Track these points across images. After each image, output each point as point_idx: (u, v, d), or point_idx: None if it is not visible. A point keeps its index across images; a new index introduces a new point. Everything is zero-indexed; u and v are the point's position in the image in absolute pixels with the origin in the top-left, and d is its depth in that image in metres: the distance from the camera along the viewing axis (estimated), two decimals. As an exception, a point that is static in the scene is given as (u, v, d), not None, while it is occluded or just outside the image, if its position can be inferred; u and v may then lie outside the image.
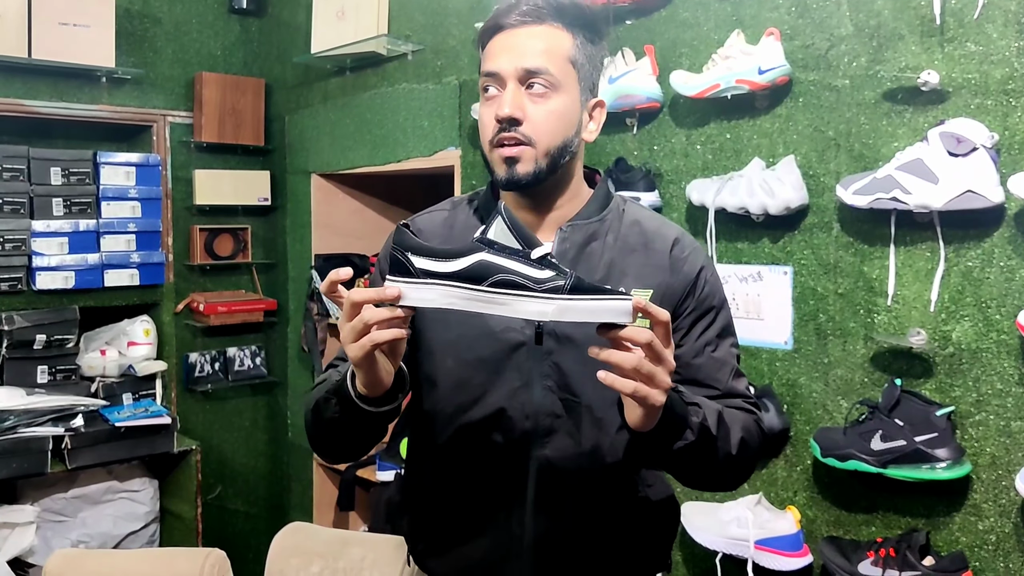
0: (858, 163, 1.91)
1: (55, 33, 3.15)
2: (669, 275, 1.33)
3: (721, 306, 1.37)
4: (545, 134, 1.26)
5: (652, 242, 1.35)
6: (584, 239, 1.32)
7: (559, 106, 1.26)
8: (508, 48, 1.27)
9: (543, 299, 1.06)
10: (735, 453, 1.23)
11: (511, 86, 1.25)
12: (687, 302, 1.33)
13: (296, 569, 2.49)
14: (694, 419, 1.16)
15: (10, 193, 3.09)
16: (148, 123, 3.52)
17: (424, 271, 1.08)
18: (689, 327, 1.33)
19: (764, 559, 1.98)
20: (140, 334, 3.41)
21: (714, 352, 1.33)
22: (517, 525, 1.31)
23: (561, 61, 1.26)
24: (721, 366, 1.34)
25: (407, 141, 3.03)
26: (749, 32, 2.06)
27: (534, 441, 1.29)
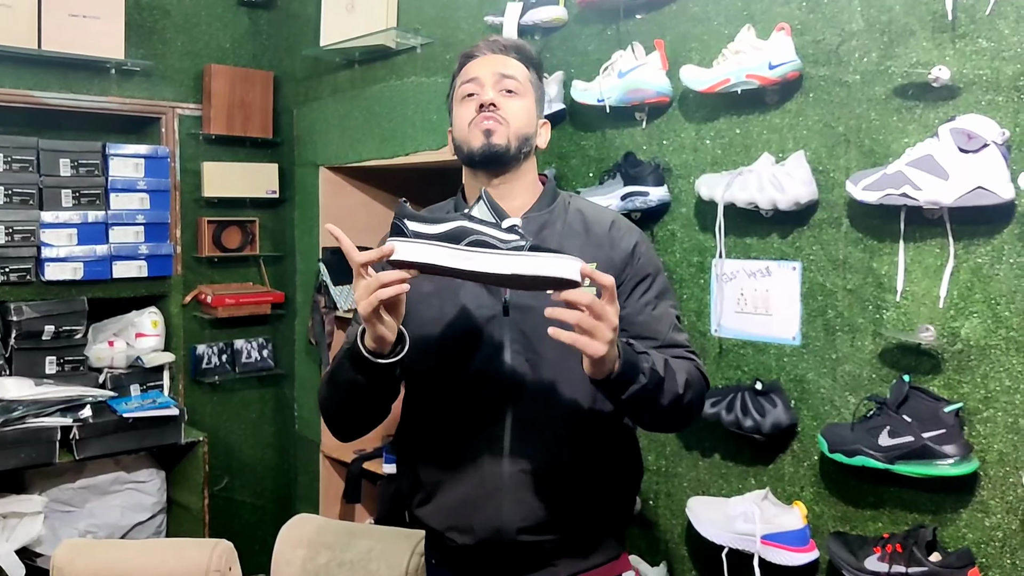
0: (868, 159, 1.91)
1: (65, 24, 3.16)
2: (609, 250, 1.58)
3: (657, 273, 1.61)
4: (516, 120, 1.58)
5: (592, 226, 1.61)
6: (538, 227, 1.59)
7: (526, 105, 1.61)
8: (485, 64, 1.61)
9: (507, 255, 1.27)
10: (681, 392, 1.45)
11: (489, 85, 1.59)
12: (626, 271, 1.58)
13: (303, 560, 2.50)
14: (644, 365, 1.37)
15: (19, 184, 3.09)
16: (157, 115, 3.52)
17: (415, 232, 1.32)
18: (630, 291, 1.58)
19: (771, 554, 1.99)
20: (148, 325, 3.42)
21: (654, 311, 1.58)
22: (496, 465, 1.53)
23: (524, 77, 1.62)
24: (659, 321, 1.57)
25: (416, 134, 3.03)
26: (760, 27, 2.05)
27: (508, 396, 1.53)
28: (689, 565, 2.27)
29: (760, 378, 2.08)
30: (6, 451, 2.91)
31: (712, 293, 2.20)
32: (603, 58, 2.35)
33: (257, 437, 3.87)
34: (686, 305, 2.25)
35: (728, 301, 2.17)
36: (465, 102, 1.60)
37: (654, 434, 2.32)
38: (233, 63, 3.68)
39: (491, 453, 1.54)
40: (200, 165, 3.61)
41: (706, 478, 2.23)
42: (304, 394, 3.72)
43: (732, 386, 2.13)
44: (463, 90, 1.61)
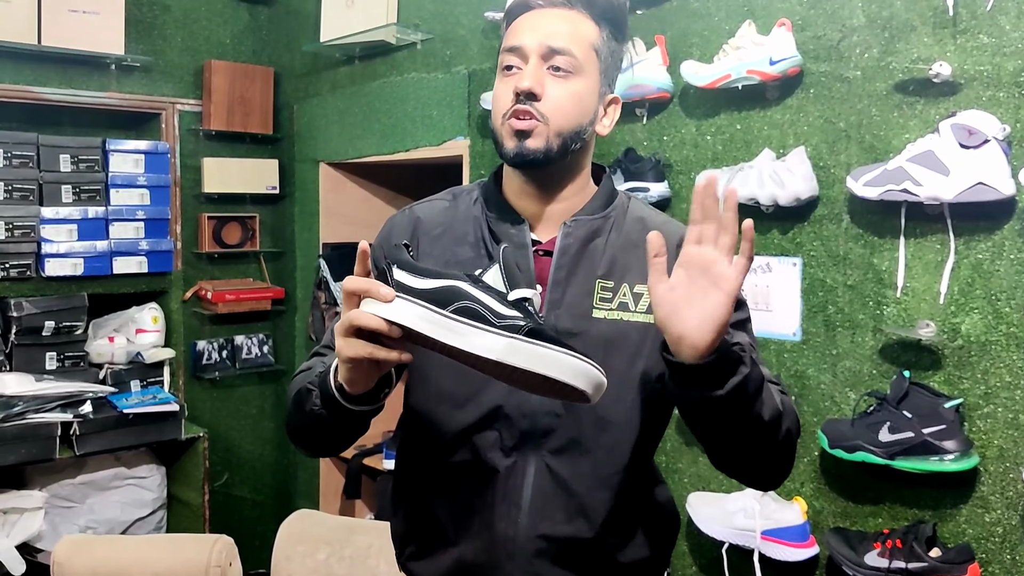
0: (869, 155, 1.91)
1: (64, 20, 3.15)
2: None
3: (741, 303, 1.30)
4: (561, 114, 1.23)
5: None
6: (587, 235, 1.29)
7: (579, 89, 1.24)
8: (534, 26, 1.25)
9: (496, 334, 0.99)
10: (781, 410, 1.16)
11: (533, 61, 1.23)
12: None
13: (303, 556, 2.50)
14: (746, 356, 1.08)
15: (19, 180, 3.09)
16: (157, 111, 3.52)
17: (399, 284, 1.04)
18: None
19: (770, 549, 1.99)
20: (148, 321, 3.42)
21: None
22: (511, 527, 1.25)
23: (585, 47, 1.25)
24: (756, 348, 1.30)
25: (416, 130, 3.03)
26: (760, 22, 2.05)
27: (532, 441, 1.24)
28: (689, 561, 2.27)
29: (760, 374, 2.08)
30: (6, 447, 2.91)
31: (712, 289, 2.20)
32: (604, 54, 2.35)
33: (257, 433, 3.87)
34: (686, 301, 2.25)
35: (728, 297, 2.17)
36: (505, 78, 1.26)
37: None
38: (233, 59, 3.67)
39: (505, 511, 1.25)
40: (200, 161, 3.60)
41: (706, 474, 2.23)
42: (304, 390, 3.71)
43: (732, 382, 2.13)
44: (503, 60, 1.27)
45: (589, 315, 1.25)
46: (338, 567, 2.46)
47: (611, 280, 1.27)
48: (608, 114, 1.32)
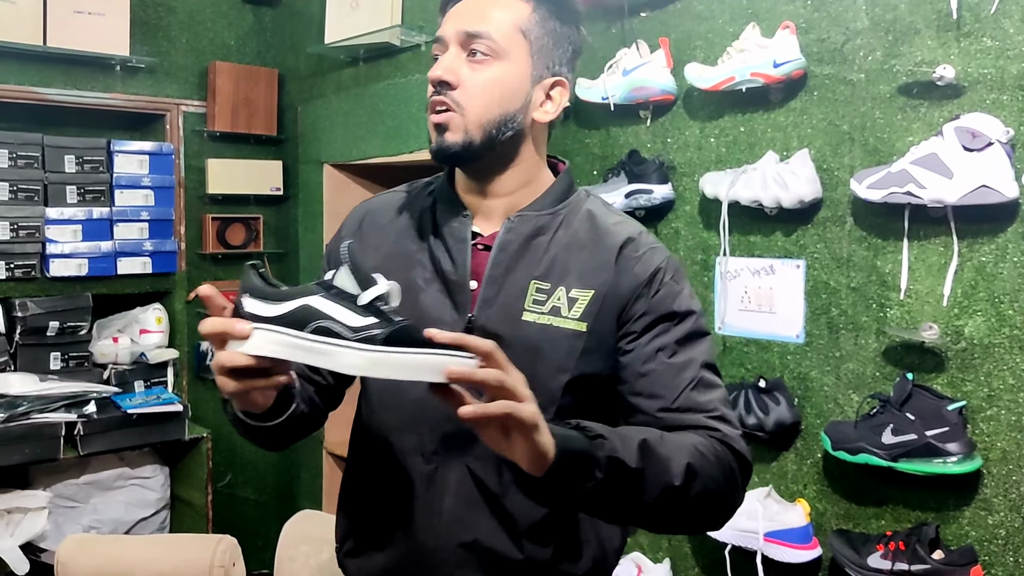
0: (872, 157, 1.91)
1: (70, 21, 3.16)
2: (615, 275, 1.20)
3: (685, 315, 1.20)
4: (478, 102, 1.17)
5: (603, 239, 1.23)
6: (531, 231, 1.22)
7: (498, 75, 1.18)
8: (456, 12, 1.21)
9: (355, 350, 0.94)
10: (680, 484, 1.03)
11: (452, 50, 1.19)
12: (637, 305, 1.20)
13: (306, 556, 2.51)
14: (600, 454, 0.97)
15: (24, 180, 3.10)
16: (162, 112, 3.53)
17: (251, 314, 0.98)
18: (640, 332, 1.19)
19: (773, 551, 1.99)
20: (152, 322, 3.43)
21: (670, 358, 1.18)
22: (431, 537, 1.20)
23: (509, 28, 1.18)
24: (677, 374, 1.17)
25: (419, 132, 3.03)
26: (764, 25, 2.05)
27: (455, 446, 1.18)
28: (692, 562, 2.27)
29: (763, 376, 2.08)
30: (10, 447, 2.92)
31: (716, 291, 2.20)
32: (608, 56, 2.35)
33: (260, 433, 3.87)
34: (690, 303, 2.25)
35: (732, 299, 2.17)
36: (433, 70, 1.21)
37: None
38: (238, 60, 3.68)
39: (426, 521, 1.20)
40: (204, 162, 3.61)
41: (709, 475, 2.23)
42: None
43: (736, 384, 2.14)
44: (433, 51, 1.24)
45: (519, 318, 1.18)
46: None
47: (547, 282, 1.20)
48: (552, 98, 1.24)
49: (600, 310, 1.19)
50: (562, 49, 1.24)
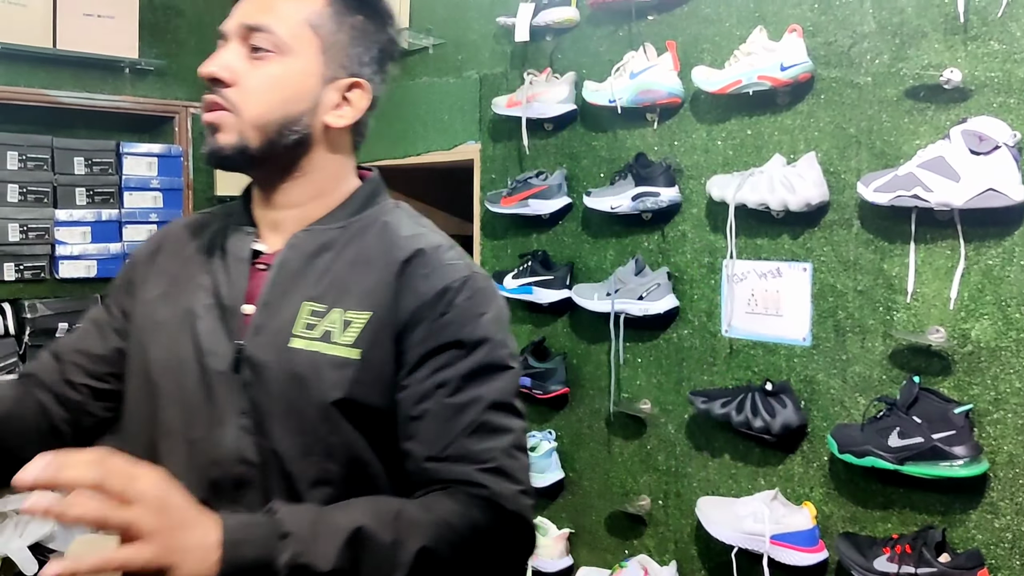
0: (880, 160, 1.91)
1: (80, 24, 3.18)
2: (391, 295, 1.04)
3: (477, 344, 1.03)
4: (254, 102, 1.05)
5: (389, 253, 1.07)
6: (315, 248, 1.08)
7: (280, 72, 1.06)
8: (242, 6, 1.10)
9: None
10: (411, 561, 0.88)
11: (230, 45, 1.08)
12: (418, 331, 1.03)
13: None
14: (281, 559, 0.81)
15: (34, 182, 3.12)
16: (170, 114, 3.54)
17: None
18: (417, 363, 1.02)
19: (780, 554, 1.99)
20: (161, 323, 3.44)
21: (449, 398, 1.00)
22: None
23: (296, 23, 1.07)
24: (453, 416, 1.00)
25: (427, 134, 3.04)
26: (771, 28, 2.06)
27: (221, 494, 1.00)
28: (699, 565, 2.28)
29: (770, 379, 2.08)
30: (20, 447, 2.93)
31: (723, 293, 2.20)
32: (615, 59, 2.36)
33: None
34: (696, 306, 2.26)
35: (739, 302, 2.18)
36: None
37: (665, 433, 2.33)
38: (246, 63, 3.69)
39: None
40: (213, 164, 3.62)
41: (716, 478, 2.23)
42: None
43: (742, 386, 2.14)
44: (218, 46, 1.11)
45: (286, 344, 1.03)
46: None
47: (323, 303, 1.05)
48: (350, 102, 1.12)
49: (376, 334, 1.03)
50: (363, 48, 1.12)
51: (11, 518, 3.05)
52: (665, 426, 2.34)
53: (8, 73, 3.13)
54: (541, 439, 2.59)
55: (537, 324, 2.68)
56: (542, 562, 2.57)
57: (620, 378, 2.43)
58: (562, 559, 2.56)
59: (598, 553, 2.52)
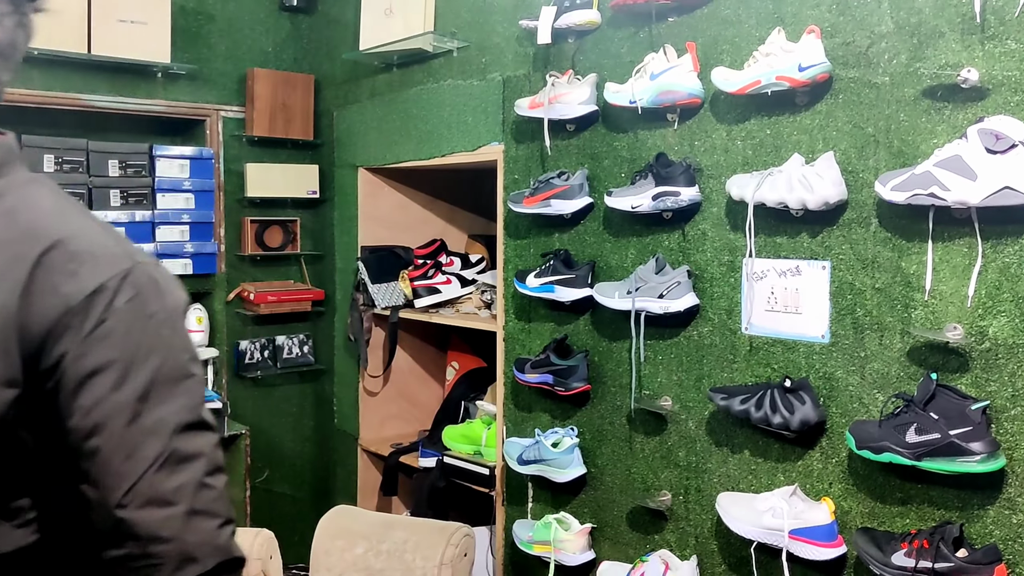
0: (897, 159, 1.93)
1: (113, 29, 3.26)
2: (21, 295, 0.83)
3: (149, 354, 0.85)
4: None
5: (19, 242, 0.85)
6: None
7: None
8: None
9: None
10: None
11: None
12: (64, 344, 0.83)
13: (341, 550, 2.58)
14: None
15: (70, 184, 3.21)
16: (202, 117, 3.62)
17: None
18: (76, 387, 0.83)
19: (799, 549, 2.02)
20: (193, 322, 3.52)
21: (127, 427, 0.83)
22: None
23: None
24: (133, 451, 0.83)
25: (451, 136, 3.09)
26: (790, 29, 2.08)
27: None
28: (719, 559, 2.30)
29: (789, 375, 2.11)
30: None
31: (743, 292, 2.23)
32: (635, 60, 2.39)
33: (297, 431, 3.96)
34: (716, 304, 2.28)
35: (758, 300, 2.20)
36: None
37: (686, 429, 2.36)
38: (275, 67, 3.77)
39: None
40: (243, 166, 3.70)
41: (735, 474, 2.26)
42: (343, 389, 3.80)
43: (762, 383, 2.16)
44: None
45: None
46: (375, 561, 2.53)
47: None
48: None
49: None
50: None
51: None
52: (685, 422, 2.37)
53: (45, 78, 3.22)
54: (564, 435, 2.63)
55: (559, 322, 2.71)
56: (565, 556, 2.61)
57: (641, 375, 2.46)
58: (584, 553, 2.60)
59: (620, 547, 2.56)
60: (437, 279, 3.35)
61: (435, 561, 2.46)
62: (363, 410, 3.69)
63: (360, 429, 3.69)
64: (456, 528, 2.54)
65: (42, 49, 3.11)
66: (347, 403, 3.77)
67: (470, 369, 3.65)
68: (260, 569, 2.47)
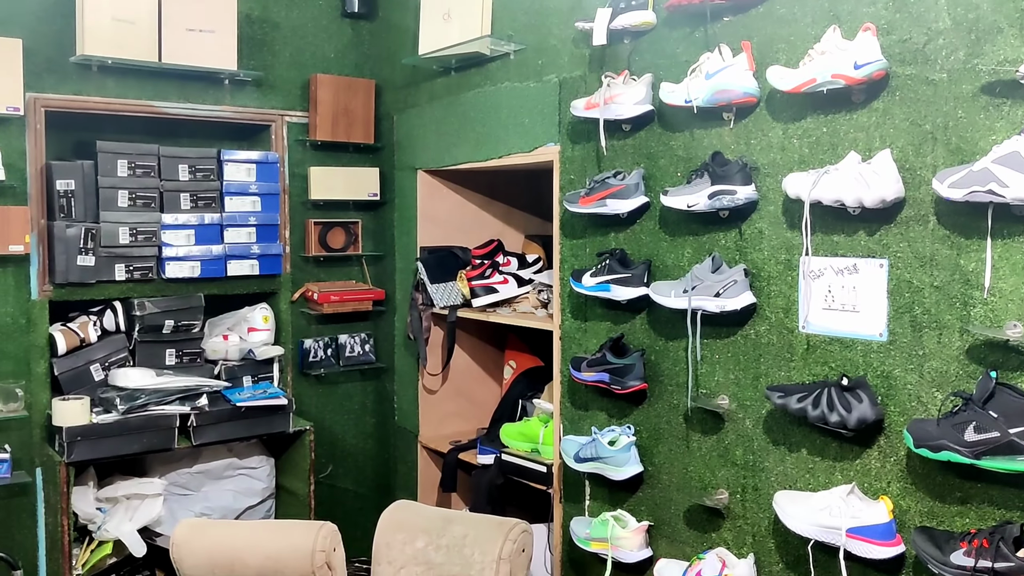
0: (955, 156, 1.91)
1: (183, 39, 3.37)
2: None
3: None
4: None
5: None
6: None
7: None
8: None
9: None
10: None
11: None
12: None
13: (402, 544, 2.63)
14: None
15: (143, 188, 3.33)
16: (267, 123, 3.72)
17: None
18: None
19: (856, 547, 2.01)
20: (259, 321, 3.63)
21: None
22: None
23: None
24: None
25: (508, 137, 3.13)
26: (845, 27, 2.08)
27: None
28: (776, 557, 2.30)
29: (846, 374, 2.10)
30: (130, 436, 3.14)
31: (800, 290, 2.23)
32: (691, 60, 2.41)
33: (359, 427, 4.05)
34: (773, 302, 2.29)
35: (815, 298, 2.20)
36: None
37: (743, 428, 2.37)
38: (337, 72, 3.86)
39: None
40: (307, 170, 3.80)
41: (792, 472, 2.26)
42: (403, 387, 3.87)
43: (819, 382, 2.16)
44: None
45: None
46: (435, 555, 2.58)
47: None
48: None
49: None
50: None
51: (122, 503, 3.25)
52: (742, 421, 2.37)
53: (119, 86, 3.35)
54: (620, 433, 2.65)
55: (615, 321, 2.74)
56: (623, 553, 2.63)
57: (698, 374, 2.48)
58: (641, 551, 2.62)
59: (677, 545, 2.57)
60: (494, 279, 3.40)
61: (493, 556, 2.50)
62: (423, 407, 3.76)
63: (420, 426, 3.76)
64: (514, 524, 2.58)
65: (116, 58, 3.23)
66: (407, 400, 3.84)
67: (527, 368, 3.69)
68: (324, 561, 2.55)
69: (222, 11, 3.44)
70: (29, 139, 3.15)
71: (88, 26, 3.17)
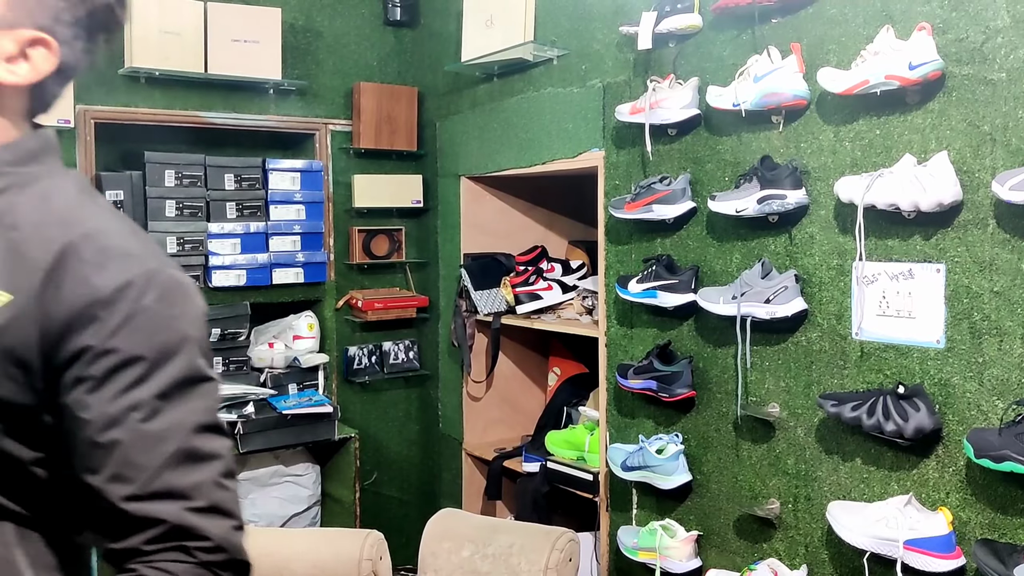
0: (1015, 158, 1.86)
1: (228, 49, 3.41)
2: (45, 283, 0.86)
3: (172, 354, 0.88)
4: None
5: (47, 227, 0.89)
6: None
7: None
8: None
9: None
10: None
11: None
12: (86, 335, 0.85)
13: (448, 552, 2.62)
14: None
15: (189, 198, 3.37)
16: (311, 131, 3.75)
17: None
18: (99, 380, 0.86)
19: (914, 560, 1.96)
20: (304, 328, 3.65)
21: (145, 423, 0.86)
22: None
23: None
24: (151, 446, 0.86)
25: (552, 143, 3.12)
26: (899, 27, 2.03)
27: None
28: (830, 569, 2.26)
29: (902, 382, 2.05)
30: (180, 444, 3.17)
31: (853, 296, 2.18)
32: (738, 63, 2.37)
33: (403, 435, 4.05)
34: (825, 309, 2.24)
35: (869, 304, 2.15)
36: None
37: (794, 436, 2.32)
38: (380, 80, 3.87)
39: None
40: (351, 178, 3.82)
41: (847, 482, 2.21)
42: (447, 394, 3.87)
43: (874, 390, 2.11)
44: None
45: None
46: (482, 564, 2.57)
47: None
48: (30, 60, 0.94)
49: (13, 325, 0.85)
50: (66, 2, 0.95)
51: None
52: (794, 429, 2.33)
53: (165, 97, 3.39)
54: (668, 441, 2.62)
55: (662, 328, 2.71)
56: (671, 563, 2.59)
57: (747, 381, 2.43)
58: (690, 561, 2.58)
59: (727, 555, 2.53)
60: (538, 285, 3.39)
61: (540, 565, 2.48)
62: (467, 415, 3.75)
63: (464, 434, 3.75)
64: (561, 533, 2.55)
65: (163, 70, 3.28)
66: (451, 408, 3.83)
67: (572, 375, 3.67)
68: (371, 569, 2.54)
69: (267, 22, 3.48)
70: (79, 151, 3.20)
71: (136, 38, 3.21)
